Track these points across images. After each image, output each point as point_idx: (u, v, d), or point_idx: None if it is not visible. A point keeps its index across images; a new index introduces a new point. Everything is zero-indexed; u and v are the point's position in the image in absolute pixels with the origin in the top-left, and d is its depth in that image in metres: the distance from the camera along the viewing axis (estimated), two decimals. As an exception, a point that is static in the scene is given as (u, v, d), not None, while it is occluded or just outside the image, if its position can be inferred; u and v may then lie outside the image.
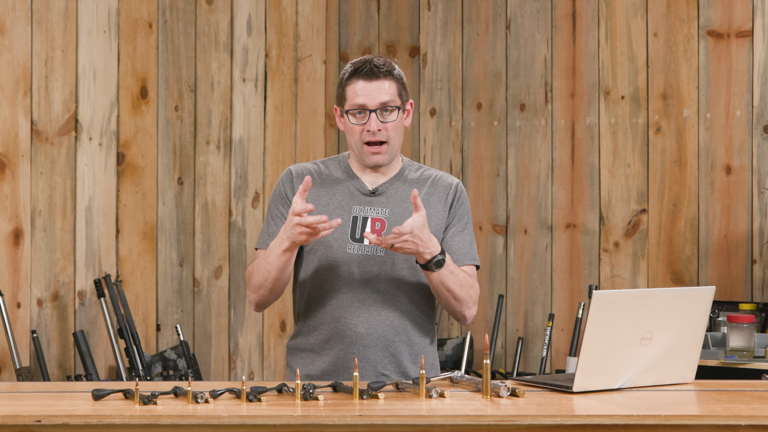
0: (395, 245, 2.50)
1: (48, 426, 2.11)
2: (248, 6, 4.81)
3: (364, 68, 2.66)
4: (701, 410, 2.25)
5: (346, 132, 2.71)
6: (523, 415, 2.14)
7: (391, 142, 2.68)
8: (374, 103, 2.65)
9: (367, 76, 2.65)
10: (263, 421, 2.13)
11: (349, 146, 2.73)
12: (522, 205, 4.90)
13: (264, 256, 2.65)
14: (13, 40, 4.03)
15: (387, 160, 2.70)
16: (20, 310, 4.04)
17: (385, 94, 2.65)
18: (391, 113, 2.67)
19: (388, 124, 2.66)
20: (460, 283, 2.63)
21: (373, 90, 2.65)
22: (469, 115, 5.01)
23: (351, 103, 2.66)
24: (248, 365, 4.81)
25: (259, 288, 2.68)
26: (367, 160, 2.69)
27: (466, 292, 2.65)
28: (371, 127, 2.65)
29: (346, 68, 2.70)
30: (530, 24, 4.89)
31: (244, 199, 4.78)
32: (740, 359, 3.93)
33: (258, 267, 2.66)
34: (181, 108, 4.57)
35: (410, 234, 2.50)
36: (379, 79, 2.65)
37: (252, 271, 2.69)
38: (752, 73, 4.46)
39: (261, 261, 2.65)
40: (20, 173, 4.04)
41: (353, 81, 2.66)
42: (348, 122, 2.68)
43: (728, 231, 4.49)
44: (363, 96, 2.65)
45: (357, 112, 2.66)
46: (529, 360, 4.88)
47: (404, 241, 2.50)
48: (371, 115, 2.64)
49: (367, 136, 2.66)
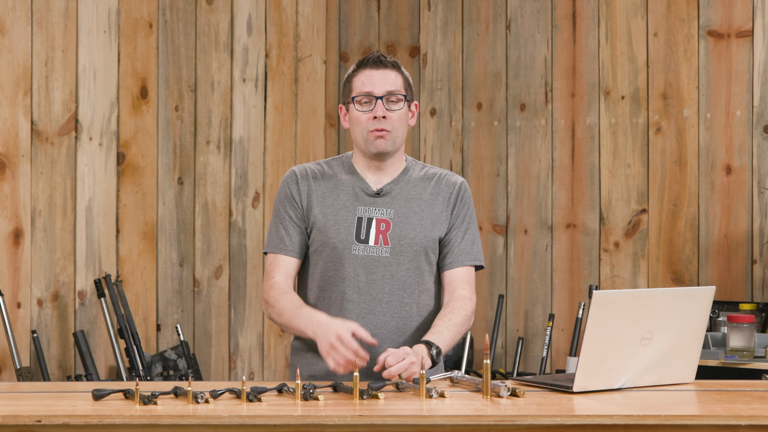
0: (403, 376, 2.47)
1: (48, 426, 2.11)
2: (248, 6, 4.81)
3: (372, 57, 2.69)
4: (701, 410, 2.25)
5: (352, 124, 2.71)
6: (523, 415, 2.14)
7: (394, 132, 2.68)
8: (381, 91, 2.66)
9: (374, 64, 2.68)
10: (263, 421, 2.13)
11: (353, 139, 2.73)
12: (522, 205, 4.90)
13: (292, 311, 2.62)
14: (14, 40, 4.03)
15: (391, 148, 2.70)
16: (20, 310, 4.04)
17: (391, 83, 2.67)
18: (396, 103, 2.68)
19: (394, 113, 2.67)
20: (458, 331, 2.66)
21: (379, 78, 2.67)
22: (469, 115, 5.01)
23: (358, 91, 2.67)
24: (248, 365, 4.81)
25: (274, 321, 2.71)
26: (371, 146, 2.68)
27: (465, 327, 2.69)
28: (377, 113, 2.65)
29: (352, 66, 2.74)
30: (530, 24, 4.89)
31: (245, 199, 4.78)
32: (740, 359, 3.93)
33: (281, 311, 2.64)
34: (182, 108, 4.57)
35: (407, 362, 2.46)
36: (386, 68, 2.68)
37: (272, 302, 2.67)
38: (752, 73, 4.46)
39: (287, 311, 2.63)
40: (20, 173, 4.04)
41: (360, 71, 2.69)
42: (354, 112, 2.68)
43: (728, 231, 4.49)
44: (370, 84, 2.66)
45: (363, 99, 2.67)
46: (529, 360, 4.88)
47: (411, 364, 2.47)
48: (377, 102, 2.65)
49: (373, 123, 2.66)
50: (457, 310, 2.67)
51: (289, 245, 2.71)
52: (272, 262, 2.73)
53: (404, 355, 2.46)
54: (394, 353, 2.46)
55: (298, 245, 2.72)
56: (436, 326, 2.62)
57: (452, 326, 2.63)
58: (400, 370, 2.43)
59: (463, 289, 2.73)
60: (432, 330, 2.61)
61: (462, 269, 2.74)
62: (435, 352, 2.55)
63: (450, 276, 2.75)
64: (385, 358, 2.46)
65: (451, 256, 2.74)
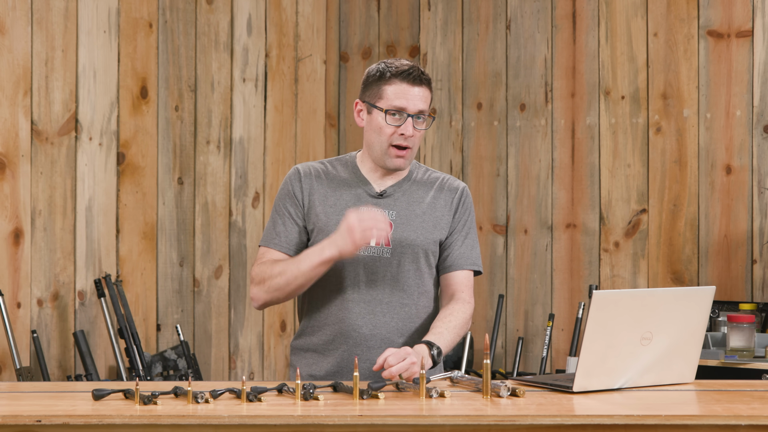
0: (403, 376, 2.47)
1: (48, 426, 2.11)
2: (248, 6, 4.81)
3: (413, 72, 2.65)
4: (701, 410, 2.25)
5: (371, 129, 2.69)
6: (523, 415, 2.14)
7: (413, 149, 2.70)
8: (414, 109, 2.65)
9: (414, 81, 2.65)
10: (263, 421, 2.13)
11: (368, 144, 2.72)
12: (522, 205, 4.90)
13: (294, 260, 2.63)
14: (13, 40, 4.03)
15: (406, 165, 2.71)
16: (20, 310, 4.04)
17: (423, 102, 2.67)
18: (423, 122, 2.68)
19: (418, 132, 2.67)
20: (457, 334, 2.66)
21: (415, 96, 2.65)
22: (469, 115, 5.02)
23: (390, 104, 2.65)
24: (248, 365, 4.81)
25: (276, 290, 2.65)
26: (390, 163, 2.68)
27: (464, 330, 2.69)
28: (406, 132, 2.65)
29: (383, 67, 2.67)
30: (530, 24, 4.89)
31: (245, 199, 4.78)
32: (740, 359, 3.93)
33: (282, 270, 2.64)
34: (182, 108, 4.57)
35: (408, 362, 2.46)
36: (422, 86, 2.67)
37: (267, 272, 2.66)
38: (752, 73, 4.46)
39: (288, 266, 2.63)
40: (20, 173, 4.04)
41: (397, 82, 2.65)
42: (379, 121, 2.67)
43: (728, 231, 4.49)
44: (405, 99, 2.65)
45: (394, 113, 2.66)
46: (529, 360, 4.88)
47: (412, 364, 2.47)
48: (408, 120, 2.65)
49: (398, 139, 2.66)
50: (457, 313, 2.67)
51: (283, 241, 2.71)
52: (263, 254, 2.73)
53: (405, 355, 2.46)
54: (395, 353, 2.46)
55: (293, 242, 2.72)
56: (437, 327, 2.63)
57: (452, 328, 2.64)
58: (401, 370, 2.43)
59: (462, 293, 2.73)
60: (432, 331, 2.61)
61: (462, 273, 2.75)
62: (436, 352, 2.55)
63: (449, 279, 2.76)
64: (386, 358, 2.46)
65: (451, 259, 2.75)
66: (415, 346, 2.55)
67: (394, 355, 2.46)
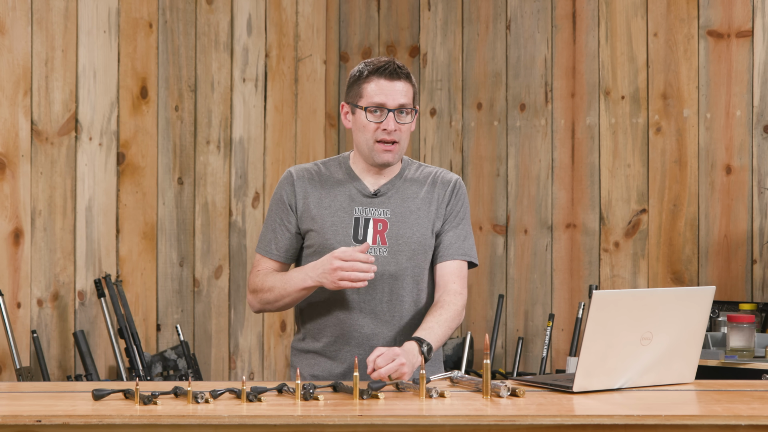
0: (392, 377, 2.46)
1: (48, 426, 2.11)
2: (248, 6, 4.81)
3: (388, 67, 2.67)
4: (701, 410, 2.25)
5: (357, 129, 2.71)
6: (523, 415, 2.14)
7: (401, 144, 2.69)
8: (394, 104, 2.66)
9: (390, 75, 2.66)
10: (263, 421, 2.13)
11: (356, 144, 2.73)
12: (522, 205, 4.90)
13: (283, 279, 2.67)
14: (13, 40, 4.03)
15: (395, 160, 2.71)
16: (20, 310, 4.04)
17: (404, 96, 2.67)
18: (406, 115, 2.68)
19: (403, 126, 2.68)
20: (449, 327, 2.65)
21: (393, 90, 2.66)
22: (469, 115, 5.02)
23: (369, 101, 2.66)
24: (248, 365, 4.81)
25: (267, 303, 2.72)
26: (378, 158, 2.69)
27: (456, 323, 2.68)
28: (388, 126, 2.66)
29: (362, 66, 2.70)
30: (530, 24, 4.89)
31: (245, 199, 4.78)
32: (740, 359, 3.93)
33: (272, 286, 2.69)
34: (181, 108, 4.57)
35: (397, 363, 2.46)
36: (400, 80, 2.67)
37: (260, 285, 2.72)
38: (752, 73, 4.46)
39: (277, 282, 2.68)
40: (20, 173, 4.04)
41: (374, 79, 2.67)
42: (362, 119, 2.68)
43: (728, 231, 4.49)
44: (383, 95, 2.66)
45: (374, 110, 2.66)
46: (529, 360, 4.88)
47: (401, 365, 2.47)
48: (389, 115, 2.66)
49: (381, 134, 2.67)
50: (448, 305, 2.67)
51: (274, 249, 2.76)
52: (258, 262, 2.79)
53: (394, 356, 2.46)
54: (384, 354, 2.46)
55: (284, 250, 2.76)
56: (427, 322, 2.62)
57: (443, 322, 2.63)
58: (390, 371, 2.43)
59: (453, 284, 2.72)
60: (422, 326, 2.61)
61: (453, 263, 2.74)
62: (426, 348, 2.54)
63: (441, 270, 2.75)
64: (375, 359, 2.45)
65: (441, 249, 2.74)
66: (405, 343, 2.55)
67: (383, 356, 2.46)
